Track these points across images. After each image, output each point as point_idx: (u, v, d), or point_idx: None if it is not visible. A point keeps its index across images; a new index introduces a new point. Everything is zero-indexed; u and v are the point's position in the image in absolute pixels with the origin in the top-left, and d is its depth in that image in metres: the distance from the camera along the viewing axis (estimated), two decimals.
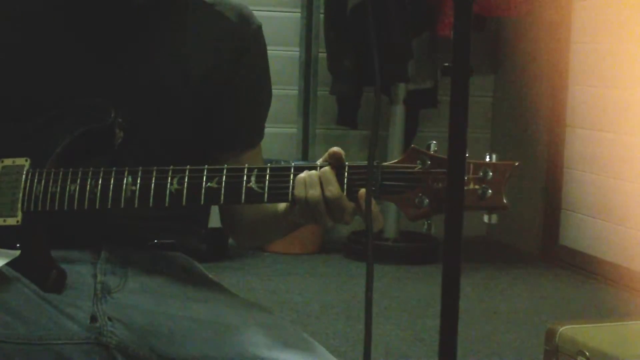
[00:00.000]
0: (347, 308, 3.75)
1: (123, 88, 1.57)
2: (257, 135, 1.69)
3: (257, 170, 1.42)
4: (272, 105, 1.71)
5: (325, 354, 1.49)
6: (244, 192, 1.42)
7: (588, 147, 4.55)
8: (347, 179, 1.41)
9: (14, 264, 1.49)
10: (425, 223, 1.39)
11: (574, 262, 4.59)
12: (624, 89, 4.27)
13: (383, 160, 1.42)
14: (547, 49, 4.77)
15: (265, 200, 1.43)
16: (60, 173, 1.49)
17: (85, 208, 1.47)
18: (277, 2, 4.98)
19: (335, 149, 1.42)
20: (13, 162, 1.53)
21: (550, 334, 2.38)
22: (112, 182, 1.46)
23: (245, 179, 1.42)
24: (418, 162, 1.39)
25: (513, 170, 1.38)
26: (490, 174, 1.36)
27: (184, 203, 1.44)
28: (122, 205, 1.45)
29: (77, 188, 1.47)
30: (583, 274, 4.47)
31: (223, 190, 1.43)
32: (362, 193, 1.39)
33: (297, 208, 1.43)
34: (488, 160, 1.38)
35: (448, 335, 1.15)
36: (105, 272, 1.55)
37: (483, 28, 4.81)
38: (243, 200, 1.43)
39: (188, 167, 1.45)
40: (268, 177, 1.42)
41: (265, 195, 1.42)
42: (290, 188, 1.42)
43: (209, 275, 1.67)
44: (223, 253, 4.44)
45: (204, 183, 1.43)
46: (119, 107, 1.52)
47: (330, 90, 4.80)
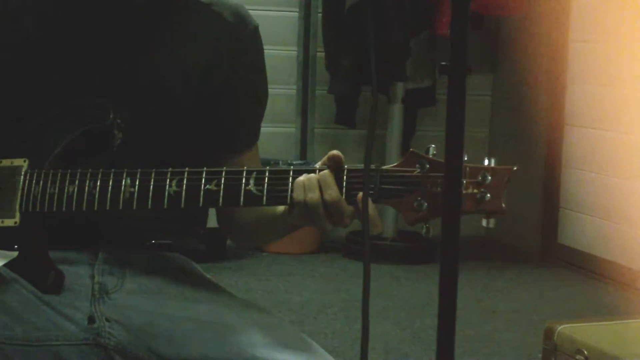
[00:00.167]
0: (345, 308, 3.75)
1: (122, 88, 1.57)
2: (254, 136, 1.69)
3: (256, 173, 1.42)
4: (270, 105, 1.72)
5: (324, 354, 1.49)
6: (243, 194, 1.42)
7: (587, 145, 4.55)
8: (345, 183, 1.41)
9: (12, 265, 1.49)
10: (424, 227, 1.39)
11: (573, 260, 4.59)
12: (623, 87, 4.27)
13: (381, 160, 1.43)
14: (545, 48, 4.77)
15: (264, 203, 1.43)
16: (59, 174, 1.49)
17: (84, 209, 1.47)
18: (274, 1, 4.97)
19: (335, 152, 1.42)
20: (11, 162, 1.53)
21: (549, 333, 2.38)
22: (110, 183, 1.46)
23: (244, 182, 1.42)
24: (417, 165, 1.39)
25: (512, 175, 1.37)
26: (489, 178, 1.36)
27: (183, 205, 1.43)
28: (120, 207, 1.45)
29: (75, 189, 1.47)
30: (582, 273, 4.47)
31: (222, 193, 1.43)
32: (360, 196, 1.39)
33: (295, 211, 1.43)
34: (487, 164, 1.38)
35: (446, 335, 1.15)
36: (103, 272, 1.55)
37: (481, 27, 4.81)
38: (242, 203, 1.42)
39: (187, 169, 1.44)
40: (267, 180, 1.42)
41: (264, 198, 1.42)
42: (289, 191, 1.42)
43: (207, 276, 1.67)
44: (221, 253, 4.44)
45: (203, 185, 1.43)
46: (118, 107, 1.52)
47: (329, 90, 4.80)
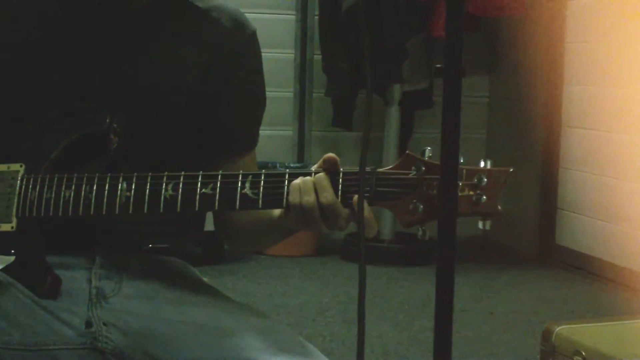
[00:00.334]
0: (343, 310, 3.75)
1: (120, 91, 1.57)
2: (251, 141, 1.69)
3: (251, 177, 1.42)
4: (267, 108, 1.72)
5: (322, 358, 1.49)
6: (239, 198, 1.42)
7: (584, 146, 4.56)
8: (341, 185, 1.41)
9: (9, 270, 1.49)
10: (420, 229, 1.39)
11: (571, 261, 4.60)
12: (619, 88, 4.28)
13: (379, 162, 1.43)
14: (542, 49, 4.78)
15: (260, 207, 1.43)
16: (55, 179, 1.49)
17: (80, 214, 1.47)
18: (271, 4, 4.98)
19: (330, 155, 1.42)
20: (8, 167, 1.53)
21: (547, 334, 2.38)
22: (106, 188, 1.46)
23: (240, 185, 1.42)
24: (413, 168, 1.38)
25: (508, 177, 1.37)
26: (485, 180, 1.36)
27: (179, 209, 1.43)
28: (116, 212, 1.45)
29: (71, 194, 1.47)
30: (580, 274, 4.47)
31: (217, 197, 1.42)
32: (356, 199, 1.39)
33: (291, 214, 1.43)
34: (483, 166, 1.38)
35: (443, 336, 1.15)
36: (100, 277, 1.55)
37: (478, 28, 4.81)
38: (237, 207, 1.42)
39: (183, 173, 1.45)
40: (262, 183, 1.42)
41: (260, 202, 1.42)
42: (285, 194, 1.42)
43: (204, 279, 1.67)
44: (219, 256, 4.44)
45: (199, 189, 1.43)
46: (115, 111, 1.53)
47: (326, 92, 4.81)
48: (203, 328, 1.49)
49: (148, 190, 1.44)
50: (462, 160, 1.34)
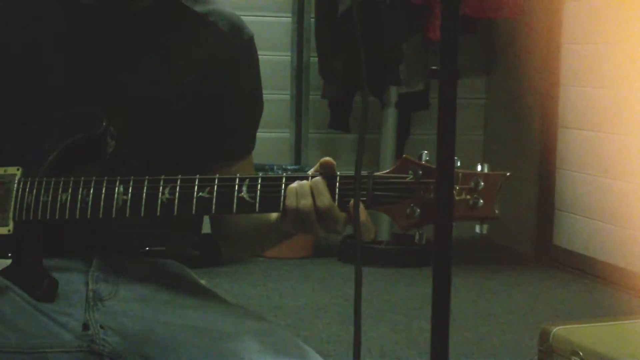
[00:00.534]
0: (341, 312, 3.75)
1: (117, 95, 1.57)
2: (248, 146, 1.69)
3: (248, 180, 1.42)
4: (264, 110, 1.72)
5: None
6: (236, 202, 1.42)
7: (581, 147, 4.56)
8: (338, 189, 1.40)
9: (6, 273, 1.49)
10: (417, 233, 1.39)
11: (568, 262, 4.60)
12: (616, 89, 4.28)
13: (376, 164, 1.43)
14: (538, 50, 4.78)
15: (257, 210, 1.42)
16: (52, 182, 1.49)
17: (77, 217, 1.47)
18: (268, 7, 4.98)
19: (327, 159, 1.42)
20: (5, 171, 1.53)
21: (544, 335, 2.38)
22: (103, 191, 1.46)
23: (237, 189, 1.42)
24: (410, 172, 1.38)
25: (505, 181, 1.37)
26: (482, 184, 1.36)
27: (176, 213, 1.43)
28: (113, 215, 1.45)
29: (68, 197, 1.47)
30: (577, 274, 4.47)
31: (214, 200, 1.42)
32: (353, 203, 1.39)
33: (288, 218, 1.43)
34: (480, 170, 1.38)
35: (440, 338, 1.15)
36: (97, 280, 1.55)
37: (474, 30, 4.81)
38: (234, 210, 1.42)
39: (179, 176, 1.44)
40: (259, 187, 1.42)
41: (257, 205, 1.42)
42: (282, 198, 1.42)
43: (202, 282, 1.67)
44: (216, 259, 4.44)
45: (196, 193, 1.43)
46: (111, 115, 1.53)
47: (322, 94, 4.81)
48: (200, 331, 1.49)
49: (145, 194, 1.44)
50: (459, 164, 1.35)
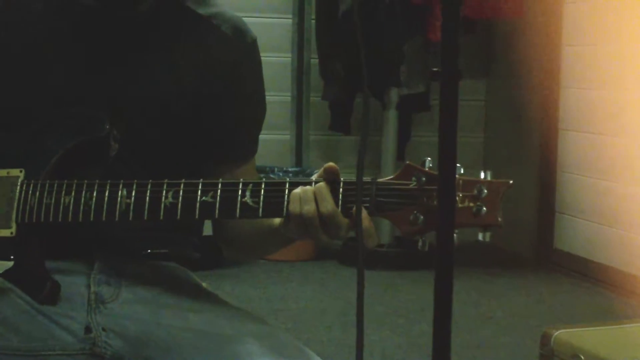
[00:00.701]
0: (342, 315, 3.75)
1: (119, 98, 1.57)
2: (251, 149, 1.69)
3: (252, 185, 1.42)
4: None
5: None
6: (239, 206, 1.41)
7: (581, 149, 4.56)
8: (341, 195, 1.40)
9: (8, 275, 1.49)
10: (420, 240, 1.39)
11: (569, 265, 4.59)
12: (617, 91, 4.28)
13: (377, 166, 1.43)
14: (538, 52, 4.78)
15: (260, 215, 1.42)
16: (55, 185, 1.49)
17: (80, 220, 1.47)
18: (268, 8, 4.98)
19: (331, 165, 1.42)
20: (7, 173, 1.53)
21: (546, 338, 2.38)
22: (106, 194, 1.46)
23: (240, 194, 1.42)
24: (413, 178, 1.38)
25: (507, 189, 1.37)
26: (485, 192, 1.35)
27: (179, 217, 1.43)
28: (116, 218, 1.45)
29: (71, 200, 1.47)
30: (578, 277, 4.47)
31: (218, 205, 1.42)
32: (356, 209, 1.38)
33: (291, 223, 1.42)
34: (483, 178, 1.37)
35: (442, 341, 1.15)
36: (99, 282, 1.55)
37: (474, 31, 4.81)
38: (238, 215, 1.42)
39: (183, 180, 1.44)
40: (263, 192, 1.41)
41: (260, 210, 1.41)
42: (285, 203, 1.41)
43: (203, 285, 1.67)
44: (217, 262, 4.43)
45: (199, 197, 1.43)
46: (114, 117, 1.52)
47: (322, 96, 4.81)
48: (202, 333, 1.49)
49: (148, 198, 1.44)
50: (462, 171, 1.35)
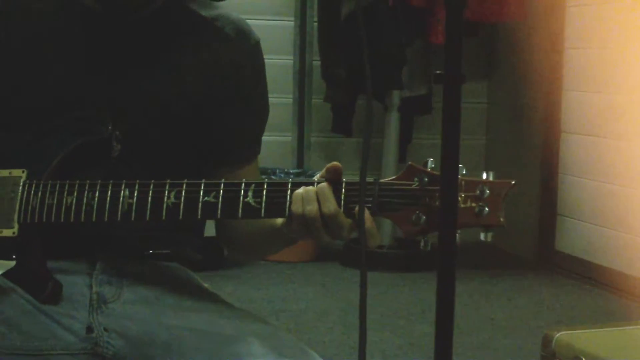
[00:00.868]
0: (343, 316, 3.75)
1: (122, 99, 1.57)
2: (253, 151, 1.69)
3: (254, 185, 1.42)
4: None
5: None
6: (241, 207, 1.42)
7: (583, 152, 4.56)
8: (344, 196, 1.40)
9: (10, 275, 1.49)
10: (422, 240, 1.39)
11: (570, 267, 4.59)
12: (618, 94, 4.28)
13: (378, 168, 1.43)
14: (541, 55, 4.78)
15: (262, 216, 1.42)
16: (57, 185, 1.49)
17: (82, 220, 1.47)
18: (271, 10, 4.98)
19: (334, 164, 1.42)
20: (10, 173, 1.53)
21: (547, 340, 2.38)
22: (109, 194, 1.46)
23: (243, 194, 1.42)
24: (415, 179, 1.38)
25: (510, 189, 1.37)
26: (487, 192, 1.36)
27: (181, 217, 1.43)
28: (118, 219, 1.45)
29: (73, 200, 1.47)
30: (579, 280, 4.47)
31: (220, 205, 1.42)
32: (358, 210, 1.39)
33: (294, 224, 1.43)
34: (485, 178, 1.38)
35: (443, 342, 1.15)
36: (101, 282, 1.55)
37: (476, 34, 4.81)
38: (240, 215, 1.42)
39: (185, 180, 1.45)
40: (265, 192, 1.42)
41: (262, 211, 1.42)
42: (287, 204, 1.42)
43: (205, 285, 1.67)
44: (219, 262, 4.44)
45: (201, 197, 1.43)
46: (116, 119, 1.53)
47: (325, 98, 4.81)
48: (203, 334, 1.49)
49: (150, 198, 1.44)
50: (464, 172, 1.35)
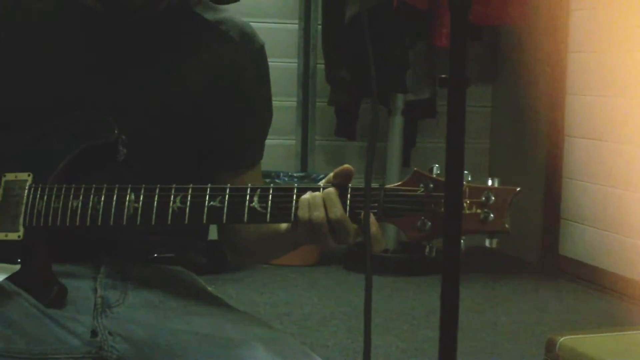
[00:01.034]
0: (347, 320, 3.75)
1: (125, 103, 1.57)
2: (256, 155, 1.69)
3: (260, 190, 1.42)
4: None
5: None
6: (247, 211, 1.42)
7: (587, 156, 4.55)
8: (350, 201, 1.40)
9: (15, 279, 1.49)
10: (427, 246, 1.39)
11: (574, 272, 4.59)
12: (622, 98, 4.28)
13: (382, 172, 1.43)
14: (544, 58, 4.78)
15: (268, 221, 1.42)
16: (63, 189, 1.49)
17: (87, 224, 1.47)
18: (275, 13, 4.99)
19: (346, 166, 1.41)
20: (15, 176, 1.53)
21: (551, 345, 2.38)
22: (114, 199, 1.46)
23: (248, 199, 1.42)
24: (421, 185, 1.39)
25: (515, 196, 1.37)
26: (493, 199, 1.36)
27: (187, 221, 1.43)
28: (124, 223, 1.46)
29: (79, 204, 1.47)
30: (583, 284, 4.46)
31: (226, 210, 1.42)
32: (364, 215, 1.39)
33: (300, 229, 1.43)
34: (490, 184, 1.38)
35: (448, 347, 1.15)
36: (106, 286, 1.55)
37: (480, 38, 4.82)
38: (246, 220, 1.42)
39: (191, 185, 1.45)
40: (271, 197, 1.42)
41: (268, 216, 1.42)
42: (293, 209, 1.42)
43: (209, 289, 1.67)
44: (223, 266, 4.44)
45: (207, 202, 1.43)
46: (119, 119, 1.53)
47: (329, 101, 4.81)
48: (208, 338, 1.49)
49: (156, 202, 1.44)
50: (469, 178, 1.35)
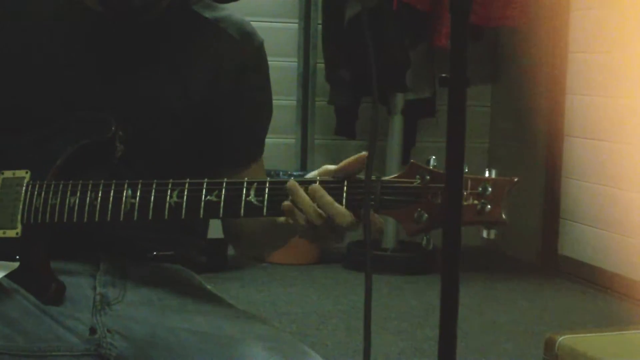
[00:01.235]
0: (346, 319, 3.75)
1: (125, 101, 1.57)
2: (257, 152, 1.69)
3: (256, 184, 1.42)
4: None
5: None
6: (243, 205, 1.42)
7: (586, 156, 4.56)
8: (346, 194, 1.40)
9: (13, 276, 1.49)
10: (424, 238, 1.39)
11: (574, 271, 4.59)
12: (622, 98, 4.28)
13: (382, 171, 1.42)
14: (545, 59, 4.78)
15: (265, 214, 1.43)
16: (60, 185, 1.49)
17: (85, 221, 1.47)
18: (275, 12, 4.99)
19: (363, 154, 1.40)
20: (13, 174, 1.53)
21: (550, 344, 2.38)
22: (111, 194, 1.46)
23: (245, 193, 1.42)
24: (417, 177, 1.39)
25: (513, 186, 1.37)
26: (490, 190, 1.35)
27: (183, 216, 1.44)
28: (121, 218, 1.46)
29: (77, 200, 1.48)
30: (582, 284, 4.47)
31: (222, 204, 1.43)
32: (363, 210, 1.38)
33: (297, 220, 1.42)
34: (488, 176, 1.38)
35: (447, 346, 1.15)
36: (105, 284, 1.55)
37: (480, 38, 4.81)
38: (242, 214, 1.43)
39: (188, 180, 1.45)
40: (267, 190, 1.42)
41: (264, 209, 1.42)
42: None
43: (208, 287, 1.67)
44: (222, 264, 4.44)
45: (204, 196, 1.43)
46: (119, 120, 1.53)
47: (329, 101, 4.81)
48: (207, 336, 1.49)
49: (153, 197, 1.44)
50: (466, 169, 1.35)
